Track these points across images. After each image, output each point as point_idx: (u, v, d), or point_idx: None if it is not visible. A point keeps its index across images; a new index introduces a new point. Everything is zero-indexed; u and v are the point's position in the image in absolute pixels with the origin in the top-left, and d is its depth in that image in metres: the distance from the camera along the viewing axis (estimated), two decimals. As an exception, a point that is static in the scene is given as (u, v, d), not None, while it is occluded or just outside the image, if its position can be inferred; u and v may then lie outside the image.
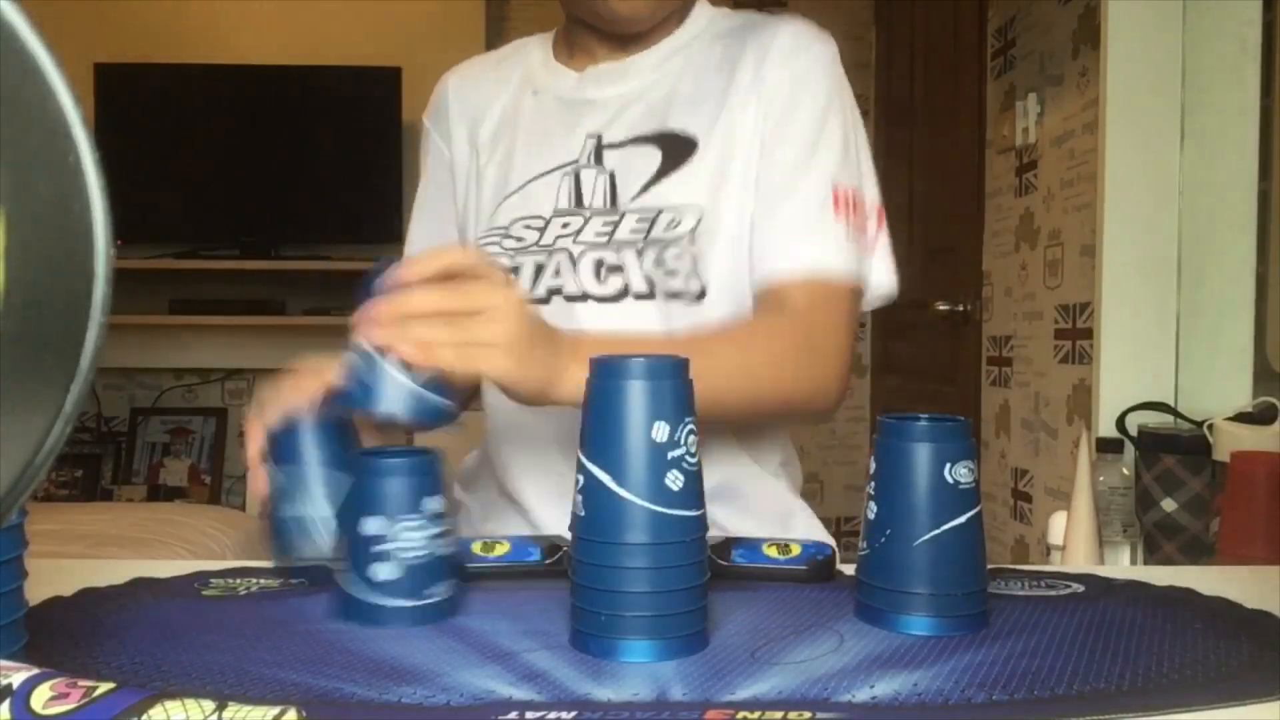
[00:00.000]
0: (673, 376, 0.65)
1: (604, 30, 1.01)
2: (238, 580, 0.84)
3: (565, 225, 0.99)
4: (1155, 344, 1.85)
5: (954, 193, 2.74)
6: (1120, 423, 1.69)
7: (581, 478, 0.66)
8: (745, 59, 0.99)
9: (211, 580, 0.84)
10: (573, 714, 0.55)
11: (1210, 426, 1.51)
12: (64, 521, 2.08)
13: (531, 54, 1.09)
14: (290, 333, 3.22)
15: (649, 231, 0.96)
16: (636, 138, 0.99)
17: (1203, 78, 1.80)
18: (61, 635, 0.68)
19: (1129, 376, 1.85)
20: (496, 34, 3.49)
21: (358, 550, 0.74)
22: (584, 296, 0.97)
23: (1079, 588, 0.82)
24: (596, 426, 0.65)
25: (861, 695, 0.58)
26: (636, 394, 0.64)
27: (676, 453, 0.64)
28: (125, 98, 3.18)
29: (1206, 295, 1.79)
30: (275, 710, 0.44)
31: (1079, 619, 0.73)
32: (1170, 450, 1.56)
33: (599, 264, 0.97)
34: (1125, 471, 1.64)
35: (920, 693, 0.59)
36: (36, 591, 0.68)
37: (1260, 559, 1.20)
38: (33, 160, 0.33)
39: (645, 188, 0.97)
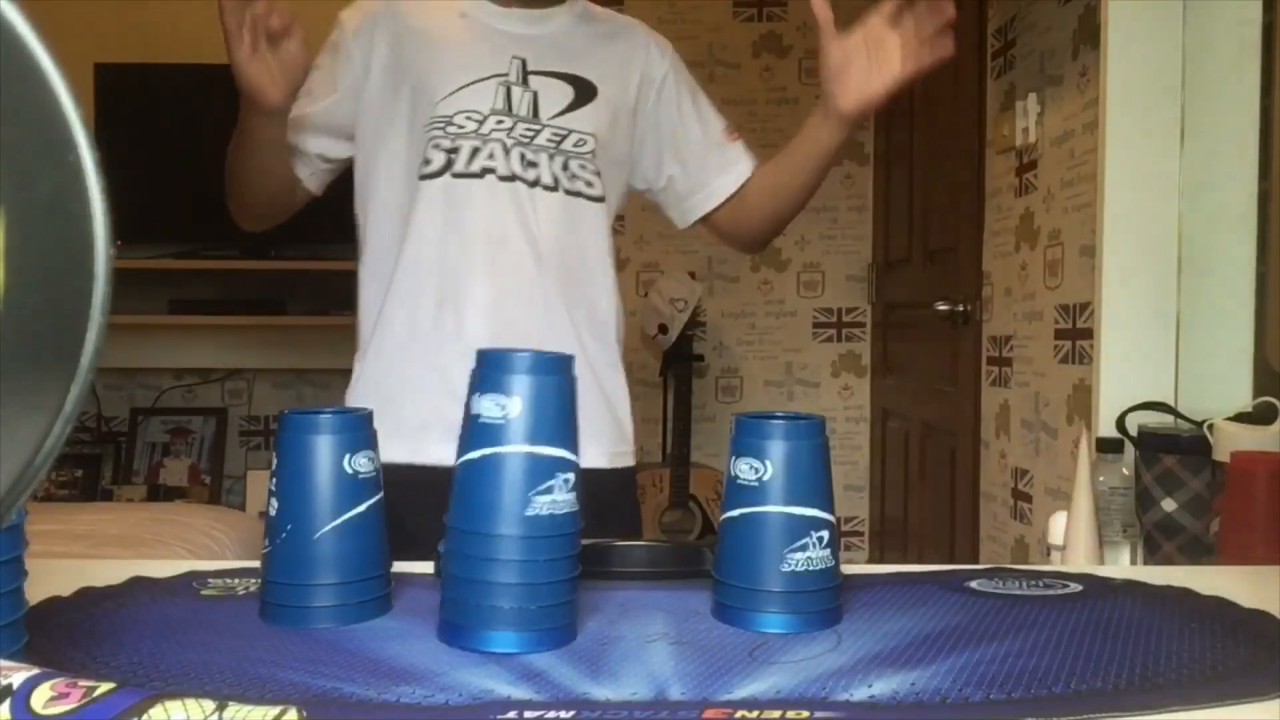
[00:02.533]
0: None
1: None
2: (235, 580, 0.84)
3: (500, 122, 1.29)
4: (1155, 344, 1.85)
5: (954, 193, 2.74)
6: (1120, 423, 1.69)
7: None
8: (632, 45, 1.40)
9: (210, 580, 0.84)
10: (571, 713, 0.55)
11: (1210, 426, 1.51)
12: (64, 521, 2.08)
13: None
14: (290, 333, 3.22)
15: (559, 144, 1.31)
16: (554, 72, 1.33)
17: (1203, 78, 1.80)
18: (61, 635, 0.68)
19: (1129, 376, 1.84)
20: None
21: (281, 539, 0.73)
22: (513, 178, 1.29)
23: (1077, 587, 0.82)
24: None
25: (859, 694, 0.58)
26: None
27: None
28: (125, 98, 3.18)
29: (1206, 295, 1.79)
30: (275, 710, 0.44)
31: (1077, 618, 0.73)
32: (1170, 450, 1.55)
33: (522, 157, 1.30)
34: (1125, 471, 1.64)
35: (918, 692, 0.59)
36: (36, 591, 0.68)
37: (1260, 559, 1.20)
38: (33, 160, 0.33)
39: (561, 112, 1.31)
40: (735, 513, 0.73)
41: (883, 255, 3.47)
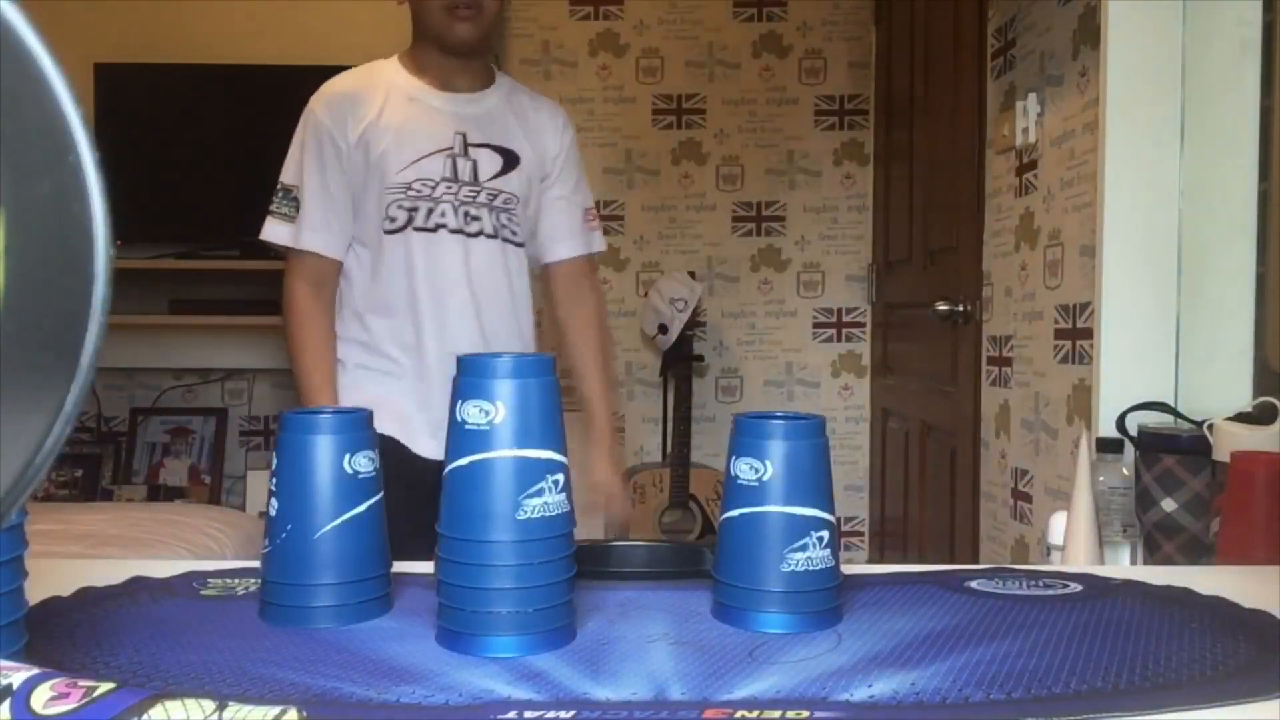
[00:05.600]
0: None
1: (444, 50, 1.66)
2: (235, 580, 0.84)
3: (449, 187, 1.65)
4: (1155, 344, 1.85)
5: (954, 193, 2.74)
6: (1120, 423, 1.69)
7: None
8: (547, 122, 1.76)
9: (209, 580, 0.84)
10: (571, 713, 0.55)
11: (1210, 426, 1.51)
12: (64, 521, 2.08)
13: (389, 73, 1.70)
14: (290, 333, 3.21)
15: (492, 202, 1.67)
16: (487, 144, 1.68)
17: (1203, 78, 1.80)
18: (61, 635, 0.68)
19: (1129, 376, 1.84)
20: (496, 34, 3.49)
21: (281, 539, 0.73)
22: (460, 231, 1.65)
23: (1077, 587, 0.82)
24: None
25: (859, 694, 0.58)
26: None
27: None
28: (125, 98, 3.18)
29: (1206, 295, 1.79)
30: (275, 710, 0.44)
31: (1077, 618, 0.73)
32: (1170, 450, 1.55)
33: (467, 214, 1.66)
34: (1125, 471, 1.64)
35: (918, 692, 0.59)
36: (36, 591, 0.68)
37: (1260, 559, 1.20)
38: (33, 160, 0.33)
39: (493, 177, 1.68)
40: (735, 513, 0.73)
41: (883, 255, 3.47)
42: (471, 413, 0.67)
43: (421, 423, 1.62)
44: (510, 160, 1.69)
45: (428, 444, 1.61)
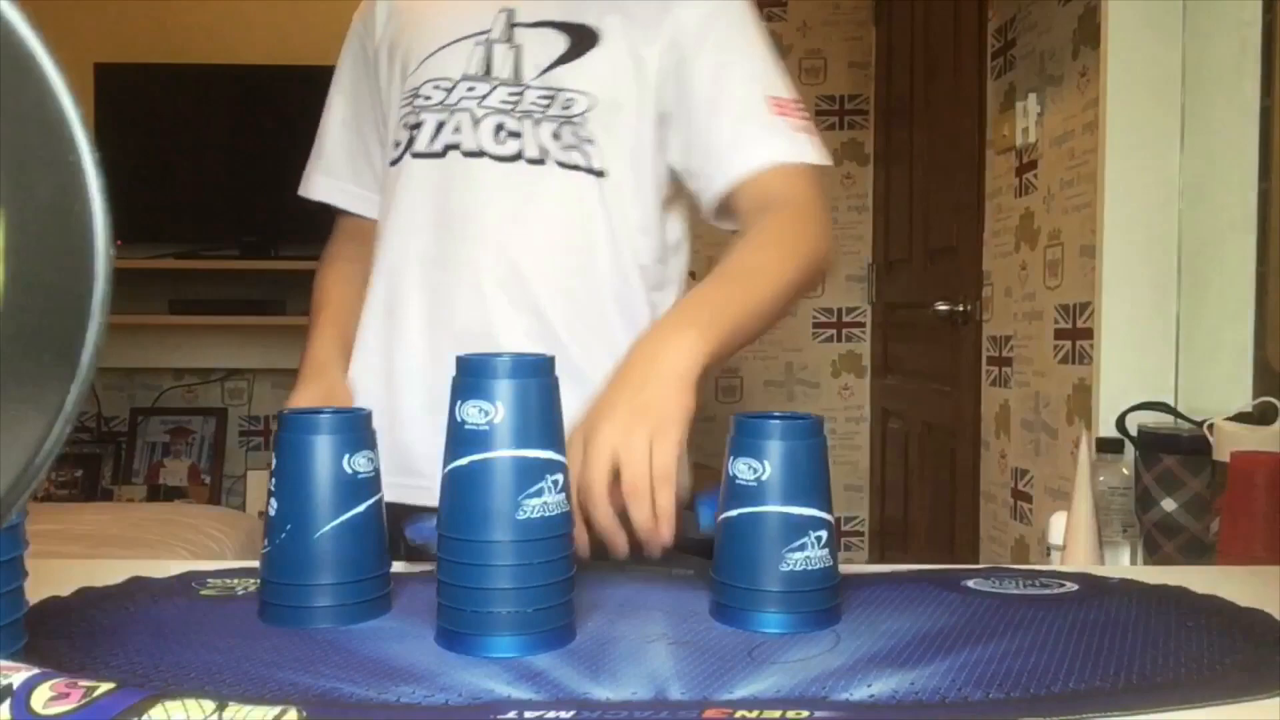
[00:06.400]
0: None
1: None
2: (235, 580, 0.84)
3: (471, 89, 1.06)
4: (1155, 344, 1.85)
5: (954, 193, 2.74)
6: (1120, 423, 1.69)
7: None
8: None
9: (209, 580, 0.84)
10: (571, 713, 0.55)
11: (1210, 426, 1.51)
12: (64, 521, 2.09)
13: None
14: (290, 333, 3.21)
15: (548, 108, 1.05)
16: (545, 21, 1.06)
17: (1203, 78, 1.80)
18: (61, 635, 0.68)
19: (1129, 376, 1.84)
20: None
21: (281, 539, 0.74)
22: (480, 153, 1.05)
23: (1074, 587, 0.82)
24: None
25: (859, 694, 0.58)
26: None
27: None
28: (125, 98, 3.18)
29: (1206, 295, 1.79)
30: (275, 710, 0.44)
31: (1074, 617, 0.74)
32: (1170, 450, 1.55)
33: (499, 127, 1.05)
34: (1125, 471, 1.64)
35: (918, 691, 0.59)
36: (36, 591, 0.68)
37: (1260, 559, 1.20)
38: (33, 160, 0.33)
39: (549, 68, 1.05)
40: (734, 513, 0.73)
41: (883, 255, 3.47)
42: (471, 413, 0.67)
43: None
44: (581, 40, 1.05)
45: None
